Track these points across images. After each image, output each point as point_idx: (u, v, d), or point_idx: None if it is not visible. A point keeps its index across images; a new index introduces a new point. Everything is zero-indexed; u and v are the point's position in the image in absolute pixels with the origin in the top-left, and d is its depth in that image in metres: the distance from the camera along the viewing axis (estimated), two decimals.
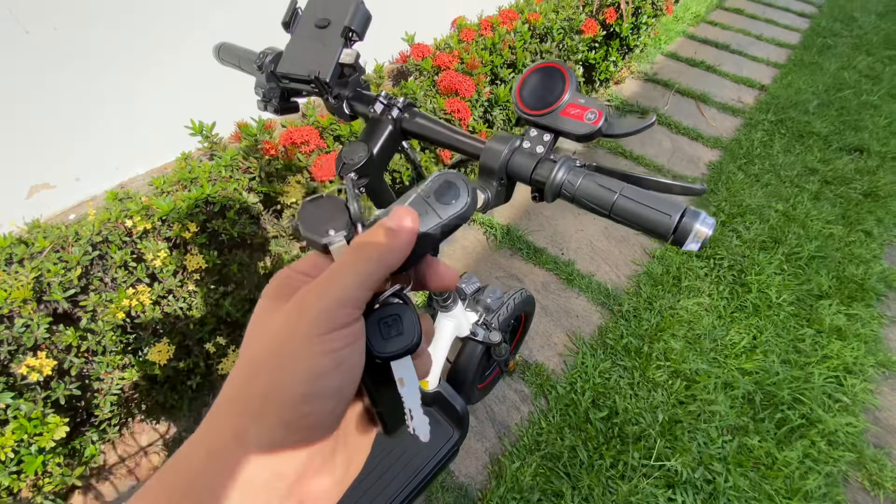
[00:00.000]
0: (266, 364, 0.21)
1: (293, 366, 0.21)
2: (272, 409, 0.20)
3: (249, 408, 0.21)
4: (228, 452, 0.20)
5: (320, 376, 0.21)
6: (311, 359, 0.21)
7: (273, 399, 0.21)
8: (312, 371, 0.21)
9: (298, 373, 0.20)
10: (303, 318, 0.21)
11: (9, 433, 0.93)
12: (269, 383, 0.21)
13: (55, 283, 0.98)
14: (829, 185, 2.41)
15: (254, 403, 0.21)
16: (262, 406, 0.21)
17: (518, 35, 1.92)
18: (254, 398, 0.21)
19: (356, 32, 0.50)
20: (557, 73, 0.45)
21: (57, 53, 1.10)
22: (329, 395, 0.21)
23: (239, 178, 1.24)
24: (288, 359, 0.21)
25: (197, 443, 0.22)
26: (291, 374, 0.21)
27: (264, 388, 0.21)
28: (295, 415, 0.20)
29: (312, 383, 0.20)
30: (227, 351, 1.32)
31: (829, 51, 3.68)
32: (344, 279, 0.22)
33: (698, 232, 0.37)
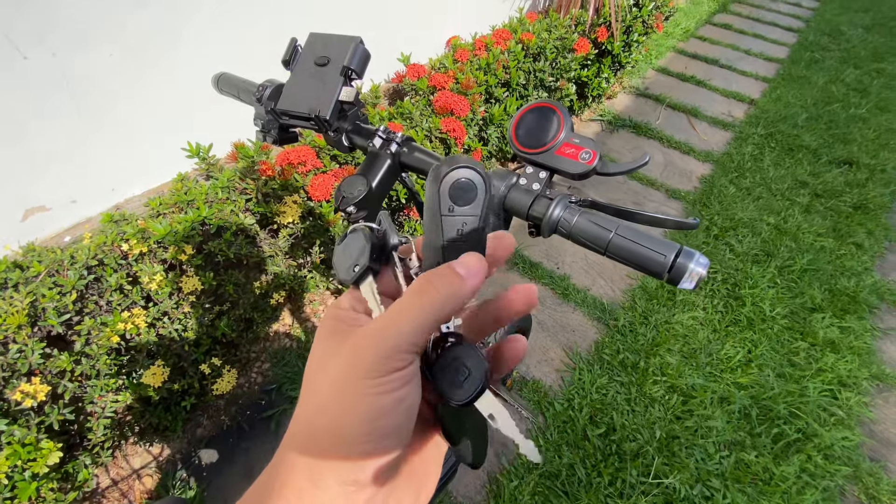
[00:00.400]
0: (329, 405, 0.22)
1: (355, 406, 0.21)
2: (340, 448, 0.21)
3: (316, 448, 0.22)
4: (307, 497, 0.21)
5: (381, 415, 0.21)
6: (371, 399, 0.21)
7: (340, 439, 0.21)
8: (374, 410, 0.21)
9: (361, 413, 0.21)
10: (360, 362, 0.22)
11: (2, 459, 0.91)
12: (332, 424, 0.22)
13: (50, 307, 0.98)
14: (819, 197, 2.45)
15: (321, 442, 0.22)
16: (331, 445, 0.22)
17: (512, 55, 1.95)
18: (319, 438, 0.22)
19: (355, 71, 0.51)
20: (552, 113, 0.46)
21: (55, 78, 1.10)
22: (389, 434, 0.22)
23: (235, 200, 1.24)
24: (349, 399, 0.22)
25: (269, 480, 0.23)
26: (353, 414, 0.21)
27: (328, 427, 0.22)
28: (359, 451, 0.21)
29: (374, 422, 0.21)
30: (222, 371, 1.31)
31: (817, 64, 3.76)
32: (401, 325, 0.22)
33: (693, 272, 0.37)
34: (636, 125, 2.82)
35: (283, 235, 1.36)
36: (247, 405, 1.50)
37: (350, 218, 0.54)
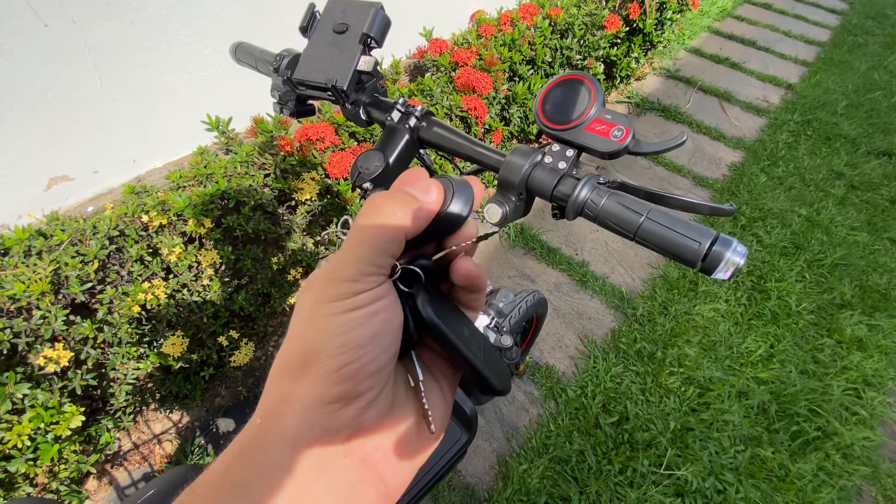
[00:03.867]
0: (301, 333, 0.23)
1: (326, 323, 0.22)
2: (312, 366, 0.21)
3: (291, 373, 0.22)
4: (276, 414, 0.21)
5: (353, 328, 0.21)
6: (342, 314, 0.22)
7: (311, 357, 0.21)
8: (346, 324, 0.21)
9: (332, 327, 0.21)
10: (328, 290, 0.22)
11: (25, 422, 0.95)
12: (305, 346, 0.22)
13: (73, 276, 0.99)
14: (855, 190, 2.34)
15: (294, 368, 0.22)
16: (301, 366, 0.22)
17: (538, 31, 1.88)
18: (293, 363, 0.22)
19: (375, 39, 0.48)
20: (583, 86, 0.43)
21: (75, 46, 1.10)
22: (365, 344, 0.21)
23: (254, 175, 1.24)
24: (321, 320, 0.22)
25: (253, 416, 0.23)
26: (325, 329, 0.21)
27: (301, 351, 0.22)
28: (334, 365, 0.21)
29: (347, 334, 0.21)
30: (240, 344, 1.33)
31: (860, 49, 3.55)
32: (360, 250, 0.23)
33: (729, 261, 0.35)
34: (665, 108, 2.71)
35: (301, 212, 1.36)
36: (263, 377, 1.53)
37: (366, 195, 0.52)
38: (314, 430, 0.21)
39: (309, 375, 0.21)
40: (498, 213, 0.45)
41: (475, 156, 0.49)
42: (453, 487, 1.33)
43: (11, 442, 0.94)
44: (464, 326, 0.26)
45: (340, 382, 0.21)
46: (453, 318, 0.26)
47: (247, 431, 0.22)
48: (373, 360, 0.22)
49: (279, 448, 0.21)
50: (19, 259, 0.99)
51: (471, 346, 0.25)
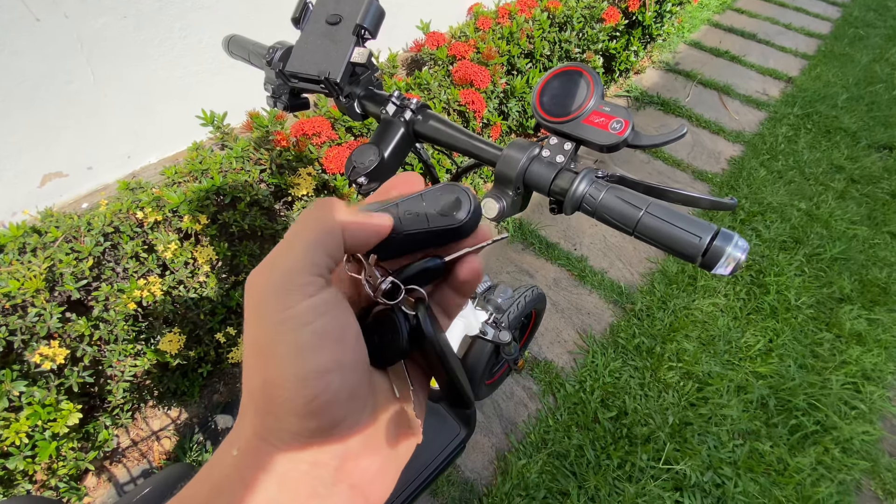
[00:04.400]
0: (256, 360, 0.20)
1: (277, 352, 0.19)
2: (276, 401, 0.19)
3: (256, 406, 0.20)
4: (254, 449, 0.20)
5: (306, 354, 0.19)
6: (288, 338, 0.19)
7: (272, 391, 0.19)
8: (297, 351, 0.19)
9: (284, 357, 0.19)
10: (264, 307, 0.20)
11: (23, 419, 0.94)
12: (263, 379, 0.19)
13: (67, 273, 0.99)
14: (855, 183, 2.33)
15: (258, 400, 0.20)
16: (266, 401, 0.19)
17: (537, 24, 1.86)
18: (256, 396, 0.20)
19: (369, 30, 0.47)
20: (581, 78, 0.42)
21: (68, 41, 1.09)
22: (327, 370, 0.19)
23: (250, 170, 1.23)
24: (270, 348, 0.19)
25: (229, 443, 0.21)
26: (277, 360, 0.19)
27: (260, 384, 0.20)
28: (300, 401, 0.19)
29: (301, 364, 0.19)
30: (237, 341, 1.33)
31: (861, 42, 3.53)
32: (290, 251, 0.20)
33: (730, 256, 0.34)
34: (664, 102, 2.70)
35: (298, 208, 1.35)
36: None
37: (361, 189, 0.51)
38: (300, 466, 0.20)
39: (276, 411, 0.19)
40: (495, 208, 0.44)
41: (472, 150, 0.48)
42: (452, 482, 1.33)
43: (9, 439, 0.94)
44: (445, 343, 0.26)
45: (314, 418, 0.19)
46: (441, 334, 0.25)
47: (223, 463, 0.20)
48: (342, 385, 0.20)
49: (265, 485, 0.19)
50: (14, 256, 0.98)
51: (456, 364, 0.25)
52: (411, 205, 0.26)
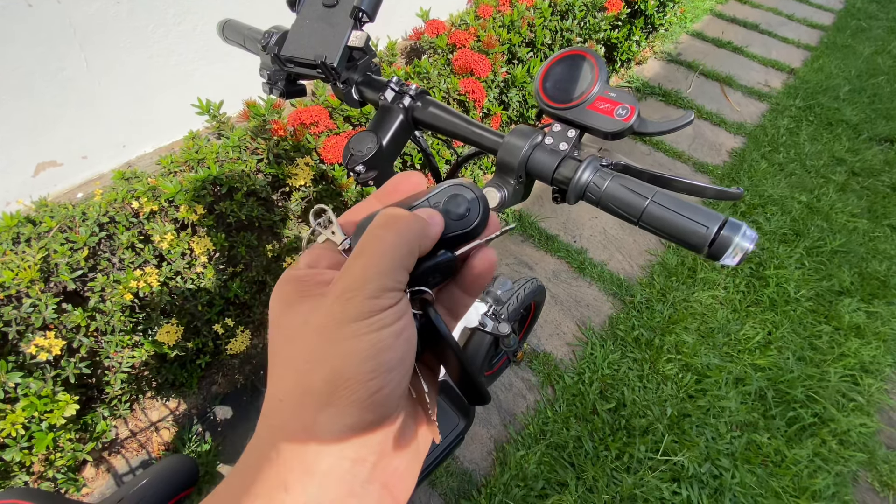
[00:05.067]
0: (322, 356, 0.21)
1: (354, 347, 0.20)
2: (342, 393, 0.20)
3: (315, 400, 0.20)
4: (300, 446, 0.20)
5: (383, 350, 0.20)
6: (370, 336, 0.20)
7: (340, 383, 0.20)
8: (375, 346, 0.20)
9: (362, 351, 0.20)
10: (349, 308, 0.21)
11: (19, 410, 0.94)
12: (331, 370, 0.20)
13: (62, 263, 0.97)
14: (856, 176, 2.32)
15: (319, 394, 0.20)
16: (329, 394, 0.20)
17: (538, 12, 1.83)
18: (316, 390, 0.20)
19: (366, 13, 0.46)
20: (586, 63, 0.41)
21: (61, 27, 1.06)
22: (394, 367, 0.21)
23: (247, 160, 1.21)
24: (347, 343, 0.21)
25: (260, 445, 0.21)
26: (355, 354, 0.20)
27: (328, 376, 0.20)
28: (366, 392, 0.20)
29: (377, 358, 0.20)
30: (236, 332, 1.32)
31: (864, 34, 3.50)
32: (381, 263, 0.22)
33: (738, 246, 0.33)
34: (666, 93, 2.67)
35: (296, 198, 1.34)
36: (260, 365, 1.52)
37: (359, 178, 0.50)
38: (344, 462, 0.20)
39: (338, 403, 0.20)
40: (496, 197, 0.43)
41: (472, 137, 0.47)
42: (451, 473, 1.33)
43: (5, 431, 0.93)
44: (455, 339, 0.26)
45: (372, 409, 0.20)
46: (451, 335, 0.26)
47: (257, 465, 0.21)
48: (399, 383, 0.21)
49: (306, 485, 0.20)
50: (7, 246, 0.97)
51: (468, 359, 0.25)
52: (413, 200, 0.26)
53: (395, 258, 0.22)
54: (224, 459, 1.36)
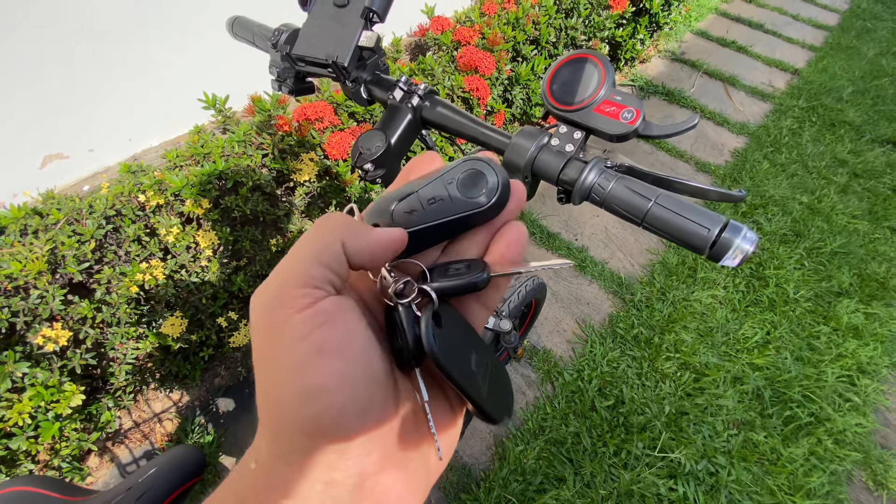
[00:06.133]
0: (259, 373, 0.19)
1: (275, 369, 0.18)
2: (282, 419, 0.18)
3: (266, 423, 0.19)
4: (272, 470, 0.19)
5: (305, 368, 0.18)
6: (285, 355, 0.18)
7: (278, 412, 0.19)
8: (294, 367, 0.18)
9: (282, 374, 0.18)
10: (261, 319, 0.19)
11: (26, 400, 0.95)
12: (267, 398, 0.19)
13: (69, 255, 0.98)
14: (857, 178, 2.32)
15: (266, 418, 0.19)
16: (272, 419, 0.19)
17: (543, 10, 1.83)
18: (264, 412, 0.19)
19: (377, 13, 0.46)
20: (593, 65, 0.42)
21: (68, 20, 1.07)
22: (329, 388, 0.18)
23: (252, 155, 1.22)
24: (268, 364, 0.19)
25: (249, 455, 0.20)
26: (276, 377, 0.18)
27: (266, 403, 0.19)
28: (305, 420, 0.18)
29: (300, 381, 0.18)
30: (239, 325, 1.33)
31: (869, 34, 3.49)
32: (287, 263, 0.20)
33: (738, 248, 0.34)
34: (669, 92, 2.67)
35: (300, 194, 1.34)
36: None
37: (367, 176, 0.51)
38: (315, 486, 0.19)
39: (283, 430, 0.19)
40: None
41: (480, 137, 0.48)
42: (451, 467, 1.35)
43: (12, 420, 0.95)
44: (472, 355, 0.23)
45: (323, 435, 0.18)
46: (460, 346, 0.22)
47: (243, 475, 0.20)
48: (349, 400, 0.18)
49: None
50: (15, 238, 0.98)
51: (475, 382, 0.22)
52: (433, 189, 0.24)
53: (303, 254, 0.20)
54: (226, 451, 1.37)
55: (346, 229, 0.21)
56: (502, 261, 0.24)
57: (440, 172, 0.24)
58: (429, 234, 0.23)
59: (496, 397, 0.24)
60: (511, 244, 0.24)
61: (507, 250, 0.24)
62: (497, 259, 0.24)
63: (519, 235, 0.25)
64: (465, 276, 0.23)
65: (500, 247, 0.24)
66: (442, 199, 0.23)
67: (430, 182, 0.24)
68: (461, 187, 0.23)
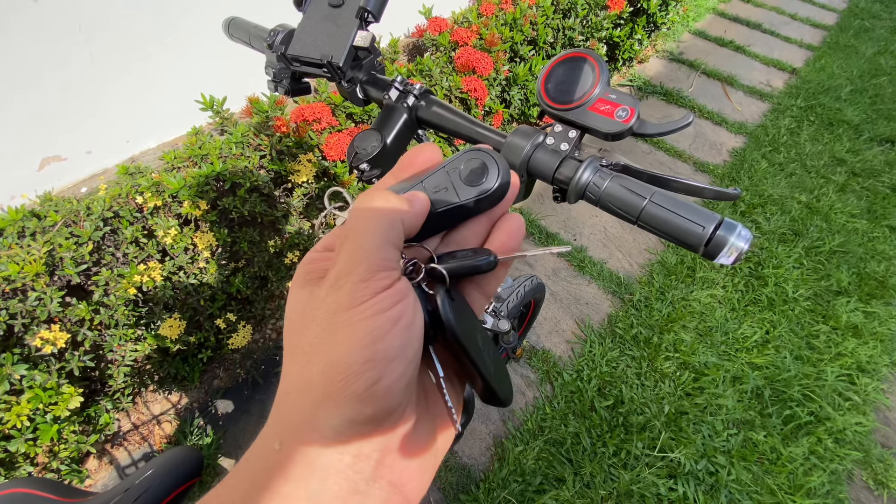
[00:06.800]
0: (320, 347, 0.20)
1: (349, 336, 0.20)
2: (338, 385, 0.19)
3: (314, 393, 0.20)
4: (300, 440, 0.20)
5: (379, 338, 0.20)
6: (364, 323, 0.20)
7: (336, 375, 0.19)
8: (370, 334, 0.19)
9: (356, 340, 0.20)
10: (342, 295, 0.20)
11: (24, 402, 0.95)
12: (328, 363, 0.20)
13: (67, 257, 0.98)
14: (856, 177, 2.32)
15: (317, 387, 0.20)
16: (326, 387, 0.20)
17: (540, 10, 1.84)
18: (315, 382, 0.20)
19: (372, 13, 0.46)
20: (587, 64, 0.42)
21: (66, 23, 1.07)
22: (393, 357, 0.20)
23: (249, 156, 1.22)
24: (341, 333, 0.20)
25: (265, 438, 0.21)
26: (349, 344, 0.20)
27: (324, 368, 0.20)
28: (363, 384, 0.19)
29: (373, 347, 0.19)
30: (238, 327, 1.33)
31: (867, 33, 3.49)
32: (365, 245, 0.21)
33: (733, 246, 0.34)
34: (667, 92, 2.68)
35: (298, 195, 1.34)
36: (261, 360, 1.53)
37: (363, 176, 0.51)
38: (344, 458, 0.20)
39: (336, 396, 0.19)
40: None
41: (475, 136, 0.48)
42: (450, 468, 1.35)
43: (11, 422, 0.95)
44: (478, 334, 0.24)
45: (371, 402, 0.19)
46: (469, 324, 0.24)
47: (263, 456, 0.20)
48: (402, 374, 0.20)
49: (308, 480, 0.19)
50: (13, 240, 0.98)
51: (484, 358, 0.24)
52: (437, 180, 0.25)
53: (377, 236, 0.21)
54: (225, 453, 1.37)
55: (400, 205, 0.22)
56: (502, 249, 0.26)
57: (444, 164, 0.25)
58: (435, 220, 0.24)
59: (500, 379, 0.25)
60: (511, 234, 0.26)
61: (508, 239, 0.26)
62: (497, 248, 0.26)
63: (518, 226, 0.26)
64: (473, 258, 0.24)
65: (501, 236, 0.26)
66: (447, 188, 0.24)
67: (434, 172, 0.25)
68: (465, 176, 0.25)
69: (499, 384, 0.25)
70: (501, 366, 0.26)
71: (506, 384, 0.26)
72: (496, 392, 0.24)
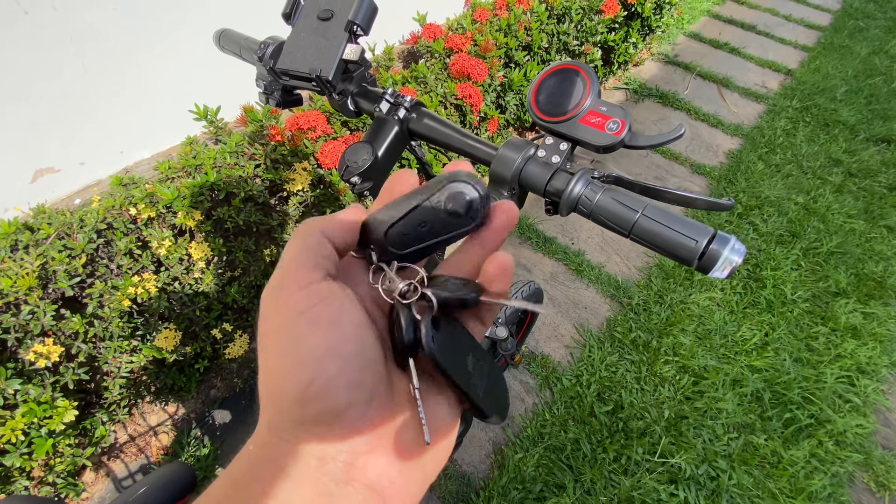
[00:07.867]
0: (259, 359, 0.21)
1: (275, 342, 0.20)
2: (275, 391, 0.20)
3: (264, 399, 0.21)
4: (265, 442, 0.20)
5: (301, 338, 0.20)
6: (284, 330, 0.20)
7: (272, 382, 0.20)
8: (292, 336, 0.20)
9: (281, 345, 0.20)
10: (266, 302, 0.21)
11: (18, 417, 0.94)
12: (264, 369, 0.21)
13: (60, 270, 0.98)
14: (853, 177, 2.33)
15: (265, 391, 0.21)
16: (269, 393, 0.21)
17: (535, 15, 1.84)
18: (261, 390, 0.21)
19: (361, 27, 0.46)
20: (578, 77, 0.41)
21: (57, 34, 1.07)
22: (321, 356, 0.20)
23: (244, 165, 1.22)
24: (269, 339, 0.21)
25: (247, 446, 0.22)
26: (275, 349, 0.20)
27: (264, 375, 0.21)
28: (295, 386, 0.19)
29: (296, 349, 0.20)
30: (234, 336, 1.32)
31: (861, 34, 3.51)
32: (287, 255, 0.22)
33: (726, 260, 0.34)
34: (663, 95, 2.68)
35: (293, 203, 1.34)
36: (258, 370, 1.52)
37: (355, 189, 0.51)
38: (307, 460, 0.20)
39: (276, 401, 0.20)
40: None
41: (466, 149, 0.47)
42: (449, 476, 1.34)
43: (5, 437, 0.94)
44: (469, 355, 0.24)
45: (310, 403, 0.19)
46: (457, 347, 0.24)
47: (242, 457, 0.21)
48: (339, 372, 0.20)
49: (276, 480, 0.20)
50: (6, 253, 0.97)
51: (471, 381, 0.24)
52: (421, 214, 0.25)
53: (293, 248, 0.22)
54: (222, 463, 1.36)
55: (320, 220, 0.24)
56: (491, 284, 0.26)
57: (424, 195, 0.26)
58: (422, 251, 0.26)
59: (492, 398, 0.25)
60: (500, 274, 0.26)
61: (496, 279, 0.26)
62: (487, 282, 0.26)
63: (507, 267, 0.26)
64: (459, 292, 0.24)
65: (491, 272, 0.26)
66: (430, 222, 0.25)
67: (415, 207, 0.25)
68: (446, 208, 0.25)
69: (489, 403, 0.25)
70: (497, 384, 0.26)
71: (500, 401, 0.26)
72: (484, 411, 0.25)
